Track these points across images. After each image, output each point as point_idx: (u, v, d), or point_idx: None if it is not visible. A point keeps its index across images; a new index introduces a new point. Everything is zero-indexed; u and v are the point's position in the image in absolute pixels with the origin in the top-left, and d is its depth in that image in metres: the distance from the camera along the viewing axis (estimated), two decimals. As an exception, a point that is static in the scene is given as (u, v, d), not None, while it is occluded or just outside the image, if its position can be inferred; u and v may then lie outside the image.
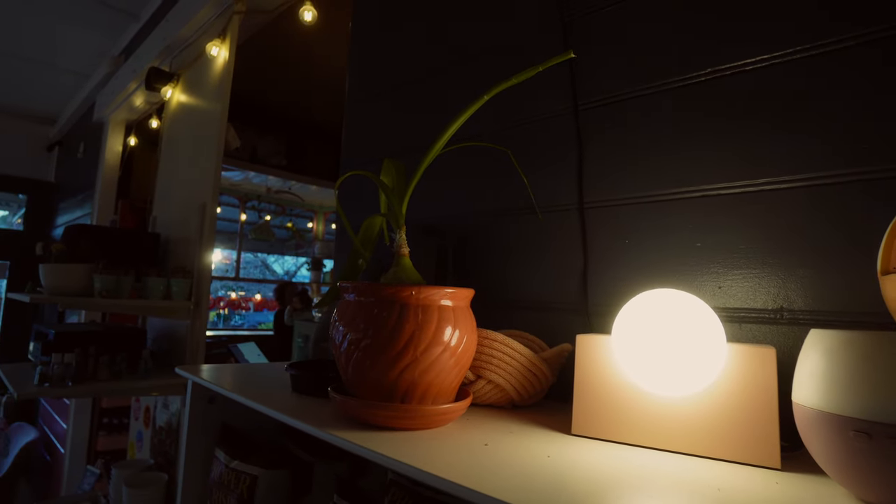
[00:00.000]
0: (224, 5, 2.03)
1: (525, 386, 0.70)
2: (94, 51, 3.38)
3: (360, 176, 1.25)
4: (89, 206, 3.45)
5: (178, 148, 2.24)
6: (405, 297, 0.57)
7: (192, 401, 0.88)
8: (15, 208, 5.26)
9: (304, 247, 5.82)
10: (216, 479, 0.83)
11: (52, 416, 3.43)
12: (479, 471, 0.45)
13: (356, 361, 0.58)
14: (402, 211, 0.67)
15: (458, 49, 1.06)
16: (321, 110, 4.31)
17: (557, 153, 0.88)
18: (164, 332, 2.08)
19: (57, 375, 1.60)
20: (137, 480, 1.79)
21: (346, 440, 0.52)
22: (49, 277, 1.70)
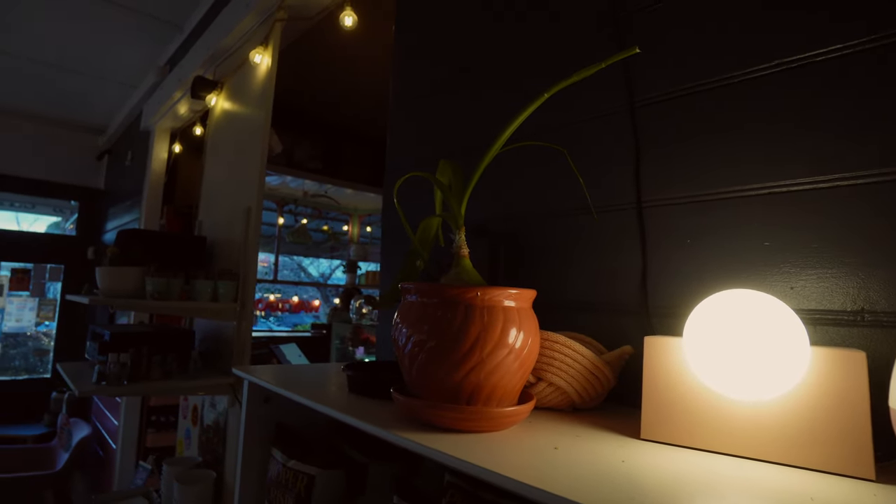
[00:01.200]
0: (266, 13, 2.07)
1: (587, 389, 0.68)
2: (141, 62, 3.51)
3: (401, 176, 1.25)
4: (137, 211, 3.58)
5: (223, 154, 2.30)
6: (470, 299, 0.57)
7: (249, 401, 0.90)
8: (67, 214, 5.51)
9: (338, 249, 5.90)
10: (274, 479, 0.84)
11: (105, 412, 3.57)
12: (553, 474, 0.44)
13: (421, 363, 0.58)
14: (461, 212, 0.66)
15: (506, 48, 1.05)
16: (356, 114, 4.37)
17: (611, 152, 0.86)
18: (210, 333, 2.14)
19: (113, 374, 1.66)
20: (187, 477, 1.84)
21: (415, 442, 0.52)
22: (105, 280, 1.77)
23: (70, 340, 4.86)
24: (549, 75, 0.97)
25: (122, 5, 2.86)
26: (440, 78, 1.19)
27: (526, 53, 1.01)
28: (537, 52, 0.99)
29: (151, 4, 2.87)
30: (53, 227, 5.74)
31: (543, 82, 0.98)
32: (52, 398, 4.38)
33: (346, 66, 3.60)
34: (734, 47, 0.73)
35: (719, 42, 0.75)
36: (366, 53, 3.43)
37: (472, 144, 1.08)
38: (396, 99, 1.31)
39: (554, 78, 0.96)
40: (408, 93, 1.28)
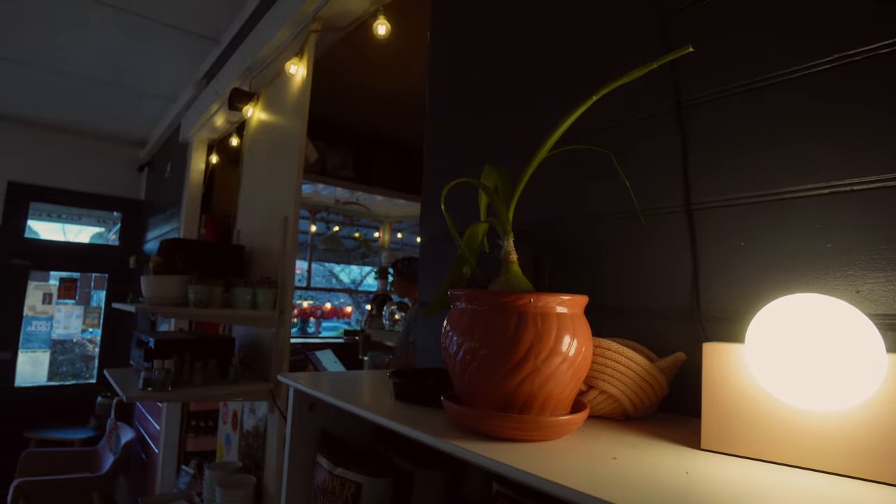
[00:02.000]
0: (301, 25, 2.12)
1: (640, 397, 0.67)
2: (179, 76, 3.63)
3: (439, 184, 1.25)
4: (176, 220, 3.69)
5: (259, 164, 2.35)
6: (523, 305, 0.56)
7: (295, 408, 0.91)
8: (110, 224, 5.72)
9: (369, 256, 5.95)
10: (320, 486, 0.85)
11: (147, 417, 3.68)
12: (616, 485, 0.43)
13: (473, 371, 0.57)
14: (509, 217, 0.66)
15: (546, 51, 1.04)
16: (386, 122, 4.41)
17: (657, 154, 0.84)
18: (248, 340, 2.18)
19: (158, 380, 1.71)
20: (229, 482, 1.88)
21: (473, 452, 0.51)
22: (149, 288, 1.82)
23: (114, 347, 5.03)
24: (590, 78, 0.96)
25: (162, 22, 2.97)
26: (475, 84, 1.19)
27: (564, 56, 1.00)
28: (577, 54, 0.98)
29: (190, 20, 2.96)
30: (97, 238, 5.96)
31: (585, 86, 0.96)
32: (98, 403, 4.54)
33: (375, 75, 3.65)
34: (792, 42, 0.71)
35: (775, 37, 0.72)
36: (395, 62, 3.47)
37: (511, 149, 1.08)
38: (433, 106, 1.32)
39: (593, 79, 0.95)
40: (443, 99, 1.28)
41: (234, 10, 2.87)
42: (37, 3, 2.77)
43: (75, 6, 2.80)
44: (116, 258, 5.07)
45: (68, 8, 2.82)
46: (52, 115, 4.49)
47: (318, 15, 2.05)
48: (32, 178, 4.70)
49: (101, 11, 2.85)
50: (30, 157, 4.69)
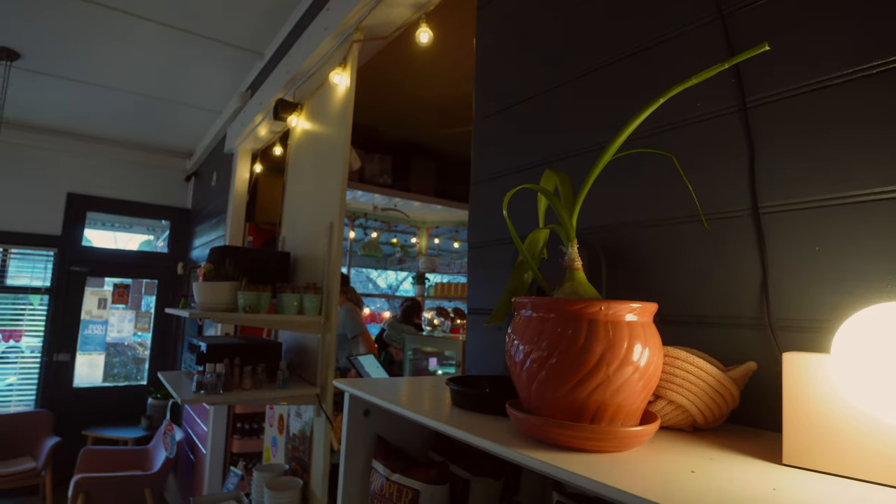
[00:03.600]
0: (344, 35, 2.15)
1: (711, 408, 0.64)
2: (224, 89, 3.76)
3: (487, 190, 1.25)
4: (222, 228, 3.80)
5: (304, 172, 2.40)
6: (594, 313, 0.55)
7: (350, 413, 0.91)
8: (158, 233, 5.95)
9: (405, 262, 6.00)
10: (377, 491, 0.85)
11: (195, 419, 3.79)
12: (699, 500, 0.41)
13: (541, 381, 0.56)
14: (573, 223, 0.65)
15: (597, 52, 1.02)
16: (423, 129, 4.45)
17: (721, 156, 0.82)
18: (293, 345, 2.22)
19: (210, 384, 1.76)
20: (276, 484, 1.91)
21: (544, 462, 0.51)
22: (201, 294, 1.88)
23: (163, 350, 5.22)
24: (646, 79, 0.93)
25: (209, 38, 3.08)
26: (524, 89, 1.18)
27: (617, 57, 0.98)
28: (631, 55, 0.96)
29: (235, 35, 3.06)
30: (145, 245, 6.22)
31: (640, 88, 0.94)
32: (149, 404, 4.71)
33: (412, 81, 3.68)
34: (871, 36, 0.67)
35: (854, 31, 0.69)
36: (432, 69, 3.50)
37: (562, 154, 1.06)
38: (479, 112, 1.32)
39: (648, 80, 0.93)
40: (491, 106, 1.28)
41: (277, 24, 2.95)
42: (95, 25, 2.92)
43: (130, 26, 2.93)
44: (165, 265, 5.27)
45: (123, 28, 2.96)
46: (108, 129, 4.72)
47: (361, 25, 2.08)
48: (89, 189, 4.95)
49: (153, 30, 2.98)
50: (87, 169, 4.93)
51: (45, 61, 3.42)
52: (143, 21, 2.90)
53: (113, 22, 2.91)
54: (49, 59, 3.40)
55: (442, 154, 4.98)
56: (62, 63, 3.46)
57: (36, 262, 4.80)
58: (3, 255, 4.68)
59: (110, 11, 2.81)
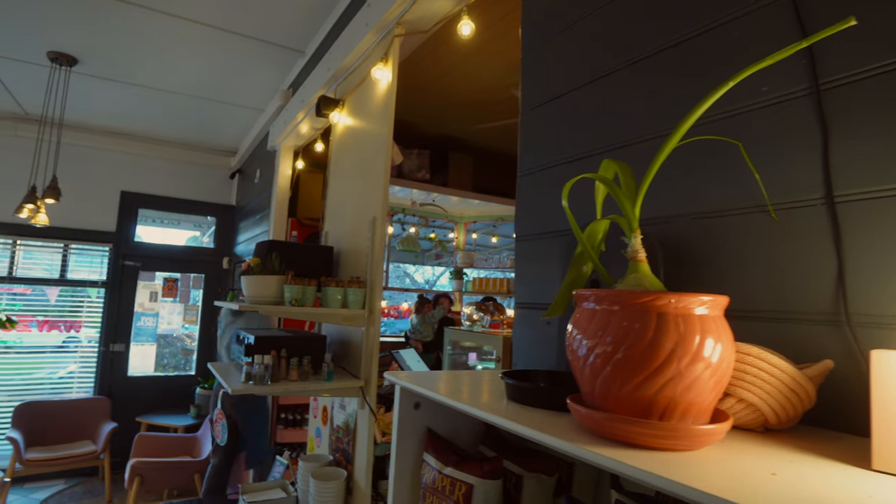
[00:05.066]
0: (385, 30, 2.16)
1: (785, 407, 0.61)
2: (267, 88, 3.84)
3: (535, 181, 1.23)
4: (266, 224, 3.90)
5: (346, 167, 2.42)
6: (663, 306, 0.52)
7: (401, 406, 0.92)
8: (204, 228, 6.16)
9: (442, 257, 6.01)
10: (429, 484, 0.85)
11: (240, 409, 3.90)
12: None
13: (606, 376, 0.54)
14: (636, 213, 0.62)
15: (650, 37, 0.99)
16: (461, 124, 4.43)
17: (790, 143, 0.77)
18: (337, 338, 2.25)
19: (258, 375, 1.80)
20: (321, 474, 1.95)
21: (614, 459, 0.49)
22: (249, 288, 1.93)
23: (209, 342, 5.40)
24: (702, 64, 0.89)
25: (252, 37, 3.15)
26: (572, 78, 1.15)
27: (670, 41, 0.94)
28: (685, 38, 0.92)
29: (277, 34, 3.12)
30: (191, 241, 6.44)
31: (696, 72, 0.90)
32: (197, 393, 4.89)
33: (449, 77, 3.67)
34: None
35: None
36: (469, 63, 3.48)
37: (614, 143, 1.03)
38: (526, 103, 1.29)
39: (705, 65, 0.89)
40: (537, 96, 1.26)
41: (318, 22, 2.99)
42: (146, 29, 3.03)
43: (179, 29, 3.03)
44: (211, 260, 5.45)
45: (173, 31, 3.06)
46: (158, 129, 4.91)
47: (402, 19, 2.08)
48: (140, 187, 5.16)
49: (200, 32, 3.07)
50: (139, 168, 5.15)
51: (101, 66, 3.58)
52: (191, 23, 2.98)
53: (163, 25, 3.02)
54: (104, 64, 3.56)
55: (479, 148, 4.95)
56: (116, 67, 3.60)
57: (93, 257, 5.04)
58: (64, 250, 4.94)
59: (160, 15, 2.90)
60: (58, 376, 4.93)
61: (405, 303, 5.88)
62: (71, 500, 4.21)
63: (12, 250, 4.76)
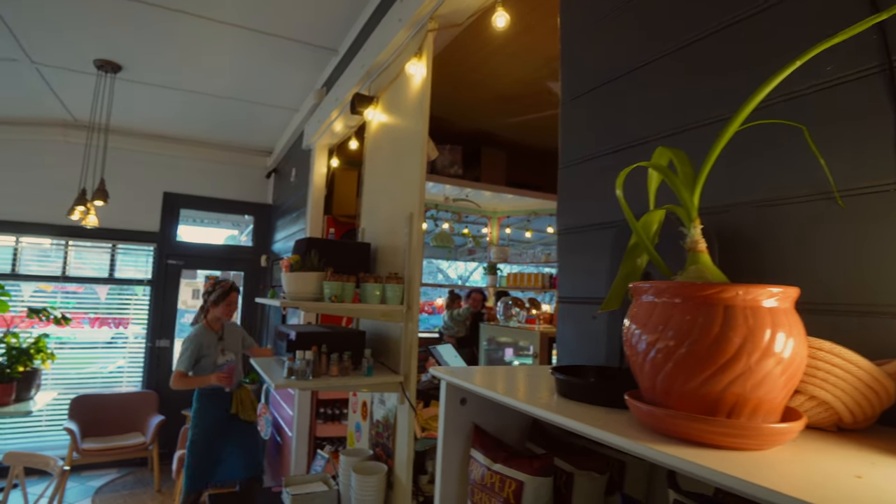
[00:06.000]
0: (418, 25, 2.15)
1: (861, 405, 0.57)
2: (301, 87, 3.90)
3: (577, 173, 1.20)
4: (302, 222, 3.96)
5: (382, 164, 2.43)
6: (730, 299, 0.50)
7: (447, 402, 0.91)
8: (242, 227, 6.31)
9: (475, 252, 5.99)
10: (477, 480, 0.84)
11: (281, 403, 4.00)
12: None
13: (668, 372, 0.52)
14: (695, 202, 0.60)
15: (695, 19, 0.95)
16: (493, 118, 4.40)
17: (857, 125, 0.73)
18: (375, 334, 2.27)
19: (300, 370, 1.83)
20: (363, 468, 1.97)
21: (681, 458, 0.47)
22: (290, 284, 1.96)
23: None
24: (754, 46, 0.85)
25: (285, 38, 3.20)
26: (615, 64, 1.12)
27: (719, 23, 0.90)
28: (737, 18, 0.88)
29: (310, 33, 3.16)
30: (229, 239, 6.61)
31: (749, 54, 0.86)
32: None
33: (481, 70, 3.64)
34: None
35: None
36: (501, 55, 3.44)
37: (661, 131, 0.99)
38: (567, 93, 1.26)
39: (757, 47, 0.84)
40: (578, 85, 1.22)
41: (350, 20, 3.01)
42: (185, 34, 3.11)
43: (216, 33, 3.10)
44: (249, 258, 5.58)
45: (210, 35, 3.14)
46: (197, 131, 5.05)
47: (436, 13, 2.07)
48: (181, 188, 5.32)
49: (236, 34, 3.13)
50: (180, 169, 5.31)
51: (143, 71, 3.70)
52: (227, 27, 3.05)
53: (200, 30, 3.09)
54: (146, 70, 3.67)
55: (512, 142, 4.90)
56: (158, 72, 3.72)
57: (138, 256, 5.24)
58: (112, 250, 5.15)
59: (198, 20, 2.98)
60: (108, 371, 5.15)
61: (439, 298, 5.89)
62: (123, 488, 4.40)
63: (65, 251, 4.99)
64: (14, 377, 3.92)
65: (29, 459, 2.71)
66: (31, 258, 4.92)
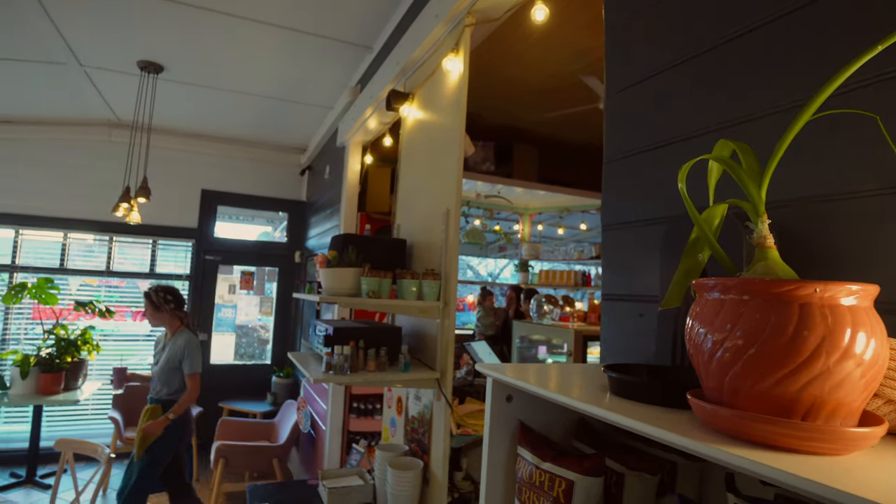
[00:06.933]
0: (455, 21, 2.15)
1: (944, 411, 0.54)
2: (336, 85, 3.94)
3: (623, 167, 1.17)
4: (336, 219, 4.01)
5: (417, 160, 2.44)
6: (807, 296, 0.48)
7: (493, 399, 0.90)
8: (276, 224, 6.43)
9: (505, 249, 5.96)
10: (525, 479, 0.83)
11: (314, 397, 4.07)
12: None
13: (737, 373, 0.50)
14: (762, 196, 0.57)
15: (760, 5, 0.91)
16: (526, 114, 4.36)
17: (935, 112, 0.69)
18: (411, 330, 2.28)
19: (338, 365, 1.85)
20: (399, 463, 1.98)
21: (757, 462, 0.45)
22: (327, 280, 1.98)
23: (283, 332, 5.65)
24: (816, 31, 0.81)
25: (320, 36, 3.23)
26: (671, 53, 1.09)
27: (782, 7, 0.86)
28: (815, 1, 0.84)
29: (345, 31, 3.18)
30: (263, 236, 6.74)
31: (816, 40, 0.82)
32: (273, 382, 5.13)
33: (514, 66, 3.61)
34: None
35: None
36: (535, 50, 3.40)
37: (723, 122, 0.96)
38: (613, 85, 1.24)
39: (820, 32, 0.80)
40: (625, 75, 1.20)
41: (385, 17, 3.02)
42: (223, 34, 3.18)
43: (253, 32, 3.16)
44: (284, 254, 5.69)
45: (247, 35, 3.20)
46: (234, 129, 5.17)
47: (473, 8, 2.06)
48: (218, 185, 5.46)
49: (272, 33, 3.18)
50: (217, 167, 5.44)
51: (184, 72, 3.80)
52: (264, 26, 3.10)
53: (238, 30, 3.15)
54: (187, 70, 3.77)
55: (545, 138, 4.85)
56: (197, 72, 3.82)
57: (178, 252, 5.40)
58: (153, 246, 5.32)
59: (236, 20, 3.04)
60: (148, 363, 5.33)
61: (469, 295, 5.89)
62: (164, 477, 4.55)
63: (109, 247, 5.18)
64: (63, 367, 4.09)
65: (78, 446, 2.83)
66: (77, 253, 5.13)
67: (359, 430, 3.61)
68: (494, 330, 5.00)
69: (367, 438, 3.47)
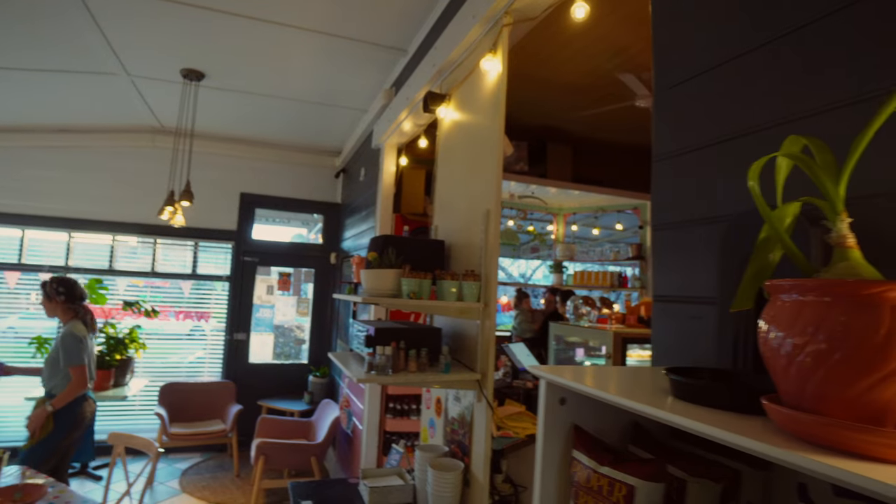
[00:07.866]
0: (493, 21, 2.14)
1: None
2: (370, 88, 3.98)
3: (673, 166, 1.15)
4: (371, 220, 4.05)
5: (455, 161, 2.44)
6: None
7: (546, 401, 0.90)
8: (311, 225, 6.53)
9: (539, 250, 5.91)
10: (582, 483, 0.82)
11: (351, 397, 4.12)
12: None
13: (821, 378, 0.48)
14: (840, 193, 0.55)
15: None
16: (559, 113, 4.32)
17: None
18: (450, 331, 2.28)
19: (380, 365, 1.87)
20: (440, 464, 1.99)
21: (848, 472, 0.43)
22: (368, 281, 2.00)
23: (320, 332, 5.74)
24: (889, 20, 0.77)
25: (355, 39, 3.27)
26: (722, 49, 1.06)
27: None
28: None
29: (379, 34, 3.22)
30: (297, 238, 6.86)
31: (882, 27, 0.78)
32: (310, 381, 5.22)
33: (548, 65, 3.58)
34: None
35: None
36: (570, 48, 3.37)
37: (786, 117, 0.93)
38: (662, 82, 1.21)
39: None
40: (678, 72, 1.17)
41: (420, 20, 3.04)
42: (262, 40, 3.26)
43: (290, 38, 3.22)
44: (319, 255, 5.78)
45: (285, 40, 3.27)
46: (271, 133, 5.28)
47: (511, 8, 2.04)
48: (256, 188, 5.59)
49: (309, 38, 3.24)
50: (255, 171, 5.58)
51: (224, 78, 3.91)
52: (300, 31, 3.16)
53: (276, 36, 3.22)
54: (226, 76, 3.88)
55: (578, 137, 4.80)
56: (236, 78, 3.92)
57: (218, 254, 5.55)
58: (194, 248, 5.49)
59: (273, 26, 3.10)
60: (188, 361, 5.50)
61: (503, 296, 5.86)
62: (206, 471, 4.69)
63: (153, 248, 5.37)
64: (113, 364, 4.26)
65: (130, 440, 2.94)
66: (123, 255, 5.33)
67: (395, 430, 3.64)
68: (532, 333, 4.96)
69: (404, 438, 3.49)
